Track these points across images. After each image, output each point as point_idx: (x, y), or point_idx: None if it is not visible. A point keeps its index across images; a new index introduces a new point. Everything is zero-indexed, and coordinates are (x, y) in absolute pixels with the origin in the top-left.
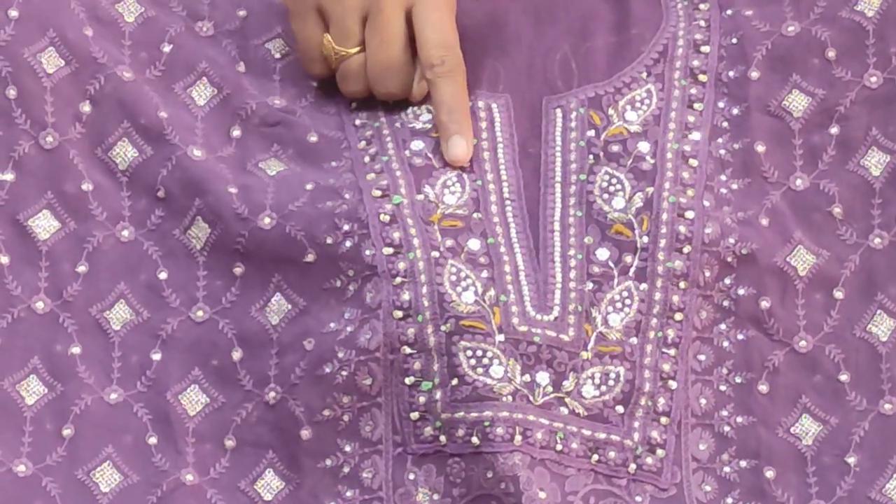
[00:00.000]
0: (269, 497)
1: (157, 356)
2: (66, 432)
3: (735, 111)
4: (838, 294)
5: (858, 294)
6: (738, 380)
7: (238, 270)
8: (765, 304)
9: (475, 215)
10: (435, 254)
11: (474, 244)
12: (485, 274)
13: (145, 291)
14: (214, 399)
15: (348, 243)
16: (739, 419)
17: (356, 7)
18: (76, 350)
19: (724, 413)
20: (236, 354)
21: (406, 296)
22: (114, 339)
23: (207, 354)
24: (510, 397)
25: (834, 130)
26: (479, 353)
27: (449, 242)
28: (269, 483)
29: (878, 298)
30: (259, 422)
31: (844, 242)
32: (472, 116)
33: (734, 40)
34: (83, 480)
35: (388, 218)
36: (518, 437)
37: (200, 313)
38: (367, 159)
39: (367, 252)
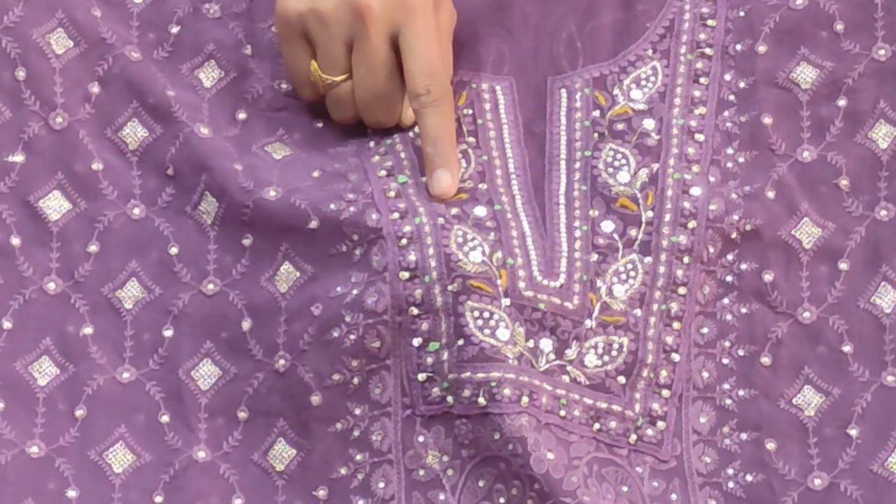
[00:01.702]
0: (282, 467)
1: (168, 332)
2: (79, 413)
3: (742, 84)
4: (843, 266)
5: (863, 266)
6: (740, 353)
7: (247, 242)
8: (768, 276)
9: (481, 186)
10: (441, 220)
11: (480, 210)
12: (492, 236)
13: (157, 268)
14: (227, 371)
15: (352, 209)
16: (741, 392)
17: (342, 34)
18: (88, 330)
19: (726, 386)
20: (246, 324)
21: (412, 256)
22: (126, 317)
23: (218, 327)
24: (516, 360)
25: (842, 103)
26: (486, 314)
27: (454, 210)
28: (281, 452)
29: (882, 270)
30: (270, 391)
31: (850, 214)
32: (476, 99)
33: (741, 13)
34: (96, 461)
35: (393, 194)
36: (525, 399)
37: (211, 286)
38: (371, 143)
39: (373, 216)
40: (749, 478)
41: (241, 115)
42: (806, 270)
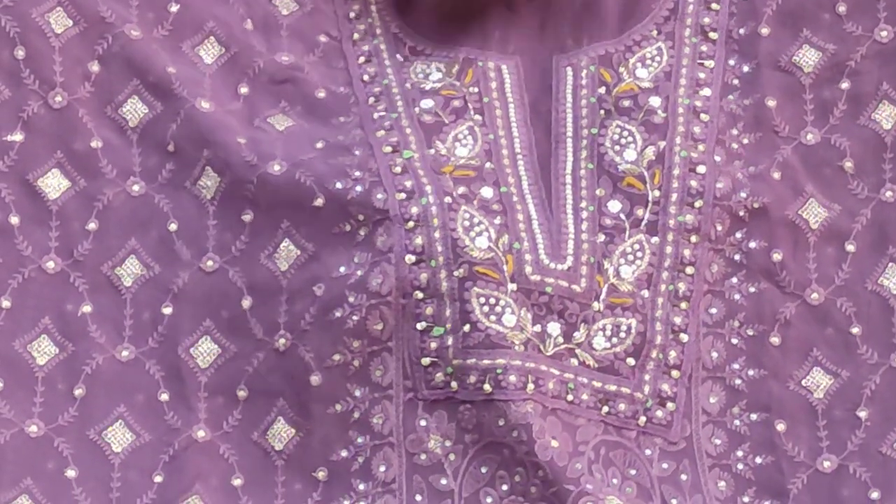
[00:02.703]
0: (280, 446)
1: (168, 310)
2: (78, 392)
3: (745, 68)
4: (850, 247)
5: (870, 248)
6: (750, 332)
7: (247, 217)
8: (777, 256)
9: (487, 165)
10: (448, 199)
11: (487, 192)
12: (498, 220)
13: (156, 245)
14: (226, 349)
15: (359, 188)
16: (751, 372)
17: None
18: (87, 309)
19: (736, 366)
20: (246, 303)
21: (419, 240)
22: (125, 295)
23: (218, 305)
24: (522, 346)
25: (845, 85)
26: (493, 300)
27: (461, 189)
28: (280, 431)
29: (889, 252)
30: (269, 370)
31: (856, 196)
32: (483, 78)
33: None
34: (95, 440)
35: (399, 169)
36: (531, 385)
37: (210, 263)
38: (375, 115)
39: (379, 196)
40: (758, 460)
41: (244, 90)
42: (813, 251)
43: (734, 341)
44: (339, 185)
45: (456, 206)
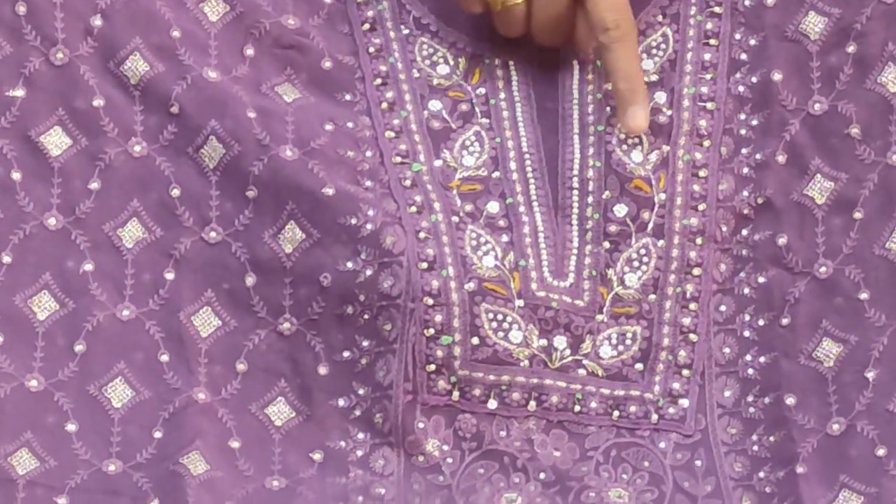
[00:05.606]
0: (280, 423)
1: (170, 275)
2: (78, 348)
3: (752, 42)
4: (857, 215)
5: (878, 212)
6: (761, 322)
7: (251, 194)
8: (782, 240)
9: (494, 175)
10: (455, 218)
11: (493, 207)
12: (504, 238)
13: (158, 209)
14: (226, 322)
15: (371, 194)
16: (762, 359)
17: None
18: (89, 267)
19: (748, 357)
20: (249, 280)
21: (430, 251)
22: (126, 256)
23: (220, 277)
24: (528, 361)
25: (851, 49)
26: (500, 316)
27: (468, 207)
28: (281, 410)
29: None
30: (271, 349)
31: (863, 162)
32: (490, 77)
33: None
34: (95, 395)
35: (409, 182)
36: (532, 403)
37: (213, 234)
38: (384, 105)
39: (391, 206)
40: (772, 438)
41: (249, 52)
42: (821, 226)
43: (746, 334)
44: (350, 189)
45: (463, 225)
